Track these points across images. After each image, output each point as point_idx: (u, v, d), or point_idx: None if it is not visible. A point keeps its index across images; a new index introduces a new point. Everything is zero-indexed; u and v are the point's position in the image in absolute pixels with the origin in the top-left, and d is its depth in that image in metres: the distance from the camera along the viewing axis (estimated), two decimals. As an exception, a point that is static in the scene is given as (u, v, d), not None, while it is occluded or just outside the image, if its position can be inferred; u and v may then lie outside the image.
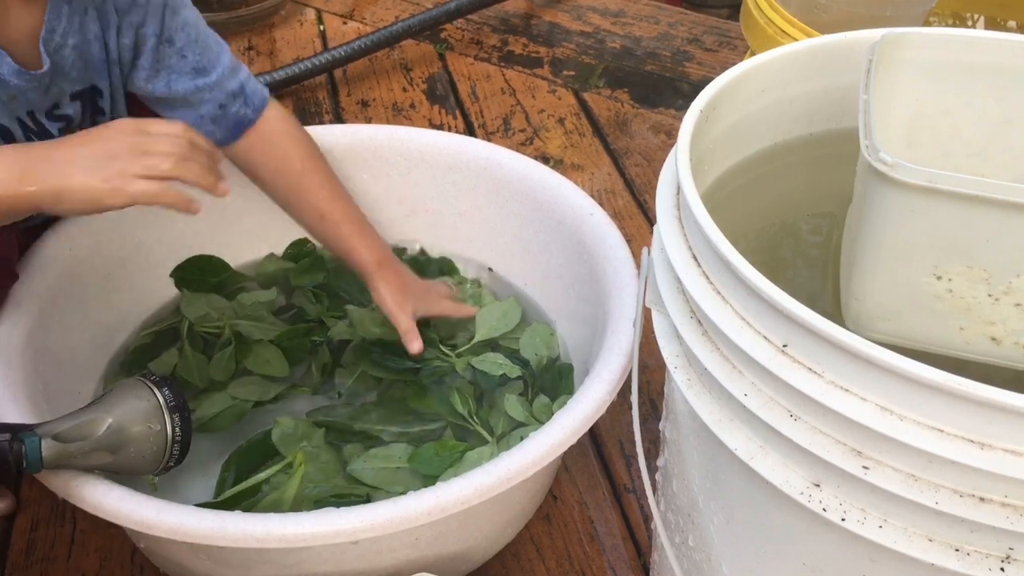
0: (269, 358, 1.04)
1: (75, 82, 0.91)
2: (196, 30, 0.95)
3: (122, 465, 0.78)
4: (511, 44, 1.78)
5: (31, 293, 0.95)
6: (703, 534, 0.68)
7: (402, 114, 1.59)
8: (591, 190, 1.41)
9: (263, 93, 1.01)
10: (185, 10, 0.95)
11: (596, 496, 1.01)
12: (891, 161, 0.56)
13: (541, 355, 1.04)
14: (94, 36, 0.90)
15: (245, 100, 0.99)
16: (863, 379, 0.49)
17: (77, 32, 0.88)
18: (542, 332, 1.07)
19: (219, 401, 0.99)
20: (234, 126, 0.99)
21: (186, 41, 0.95)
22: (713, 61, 1.72)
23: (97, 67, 0.92)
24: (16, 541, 0.97)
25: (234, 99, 0.98)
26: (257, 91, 1.00)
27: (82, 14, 0.88)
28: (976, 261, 0.57)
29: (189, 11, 0.95)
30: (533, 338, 1.06)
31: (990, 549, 0.50)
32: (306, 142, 1.04)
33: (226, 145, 1.00)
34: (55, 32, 0.87)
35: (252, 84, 1.00)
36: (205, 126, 0.98)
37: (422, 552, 0.81)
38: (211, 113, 0.97)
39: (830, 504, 0.53)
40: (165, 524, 0.74)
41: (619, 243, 0.99)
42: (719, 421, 0.58)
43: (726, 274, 0.55)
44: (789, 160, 0.76)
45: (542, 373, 1.02)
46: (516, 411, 0.97)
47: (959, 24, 1.34)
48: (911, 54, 0.69)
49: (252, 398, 1.01)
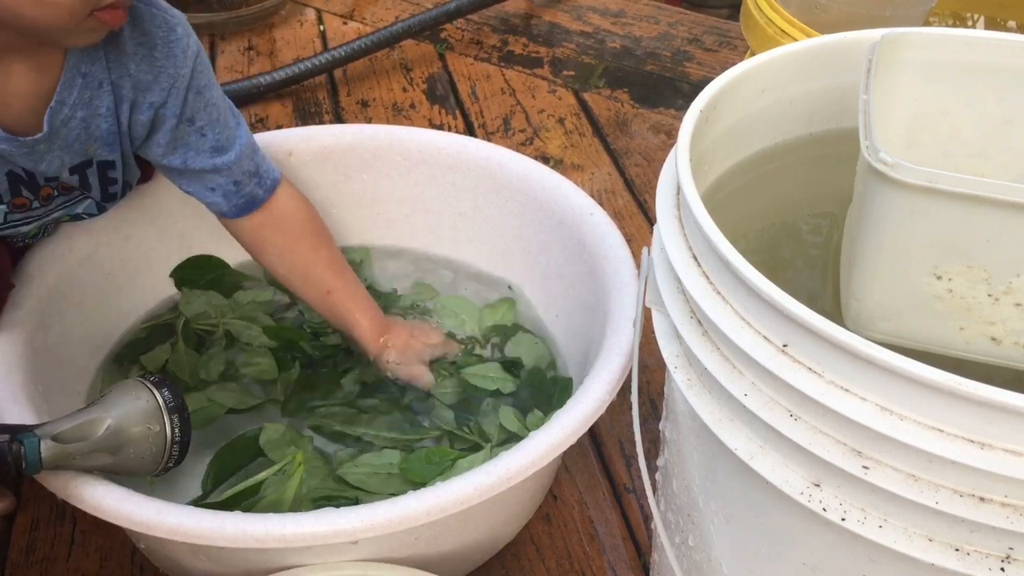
0: (260, 361, 1.04)
1: (76, 155, 0.88)
2: (218, 110, 0.94)
3: (121, 466, 0.78)
4: (511, 44, 1.78)
5: (31, 294, 0.95)
6: (703, 534, 0.68)
7: (402, 114, 1.59)
8: (591, 190, 1.41)
9: (275, 173, 1.01)
10: (209, 91, 0.93)
11: (596, 496, 1.01)
12: (891, 161, 0.56)
13: (529, 365, 1.04)
14: (106, 110, 0.87)
15: (259, 180, 0.99)
16: (863, 379, 0.49)
17: (87, 105, 0.86)
18: (527, 342, 1.06)
19: (195, 400, 0.99)
20: (245, 204, 0.99)
21: (207, 121, 0.93)
22: (713, 61, 1.72)
23: (106, 140, 0.89)
24: (16, 541, 0.97)
25: (249, 178, 0.98)
26: (270, 171, 1.00)
27: (95, 88, 0.86)
28: (976, 261, 0.57)
29: (213, 91, 0.94)
30: (519, 347, 1.06)
31: (990, 549, 0.50)
32: (314, 221, 1.04)
33: (232, 219, 1.00)
34: (65, 104, 0.84)
35: (266, 164, 1.00)
36: (215, 198, 0.97)
37: (422, 552, 0.81)
38: (224, 189, 0.97)
39: (830, 504, 0.53)
40: (165, 524, 0.74)
41: (619, 243, 0.99)
42: (719, 421, 0.58)
43: (726, 274, 0.55)
44: (789, 160, 0.76)
45: (535, 387, 1.02)
46: (510, 423, 0.97)
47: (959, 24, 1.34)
48: (911, 54, 0.69)
49: (228, 404, 1.00)
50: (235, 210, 0.99)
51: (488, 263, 1.17)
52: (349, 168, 1.17)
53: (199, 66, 0.91)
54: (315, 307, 1.05)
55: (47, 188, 0.91)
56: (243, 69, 1.72)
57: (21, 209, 0.91)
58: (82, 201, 0.96)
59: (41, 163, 0.87)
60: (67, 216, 0.98)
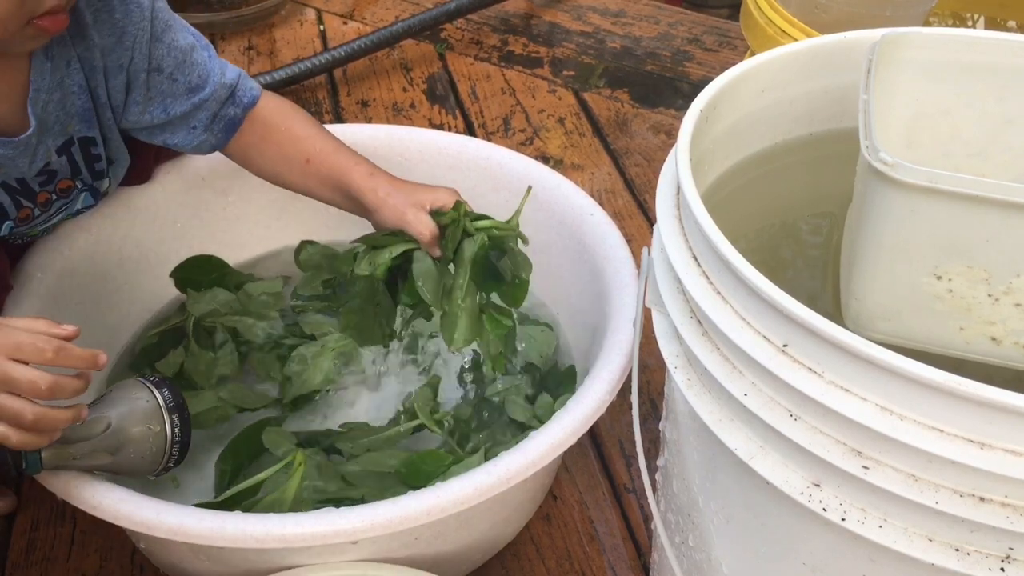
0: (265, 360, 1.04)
1: (58, 136, 0.89)
2: (182, 51, 0.93)
3: (122, 466, 0.78)
4: (511, 44, 1.78)
5: (31, 294, 0.95)
6: (703, 534, 0.68)
7: (402, 114, 1.59)
8: (591, 190, 1.41)
9: (253, 92, 0.99)
10: (169, 33, 0.92)
11: (596, 496, 1.01)
12: (891, 161, 0.56)
13: (546, 356, 1.04)
14: (78, 87, 0.88)
15: (234, 101, 0.98)
16: (863, 379, 0.49)
17: (60, 86, 0.86)
18: (537, 334, 1.06)
19: (206, 400, 0.99)
20: (225, 128, 0.98)
21: (175, 65, 0.93)
22: (713, 61, 1.72)
23: (82, 116, 0.90)
24: (16, 541, 0.97)
25: (224, 104, 0.97)
26: (247, 90, 0.99)
27: (64, 68, 0.86)
28: (976, 261, 0.57)
29: (173, 33, 0.93)
30: (528, 340, 1.05)
31: (990, 549, 0.50)
32: (301, 122, 1.01)
33: (222, 148, 1.00)
34: (40, 91, 0.84)
35: (243, 83, 0.99)
36: (197, 136, 0.97)
37: (422, 552, 0.81)
38: (204, 123, 0.97)
39: (830, 504, 0.53)
40: (165, 524, 0.74)
41: (619, 243, 0.99)
42: (719, 421, 0.58)
43: (726, 274, 0.55)
44: (789, 160, 0.76)
45: (545, 376, 1.02)
46: (518, 413, 0.97)
47: (959, 24, 1.34)
48: (911, 54, 0.69)
49: (237, 403, 1.00)
50: (220, 138, 0.98)
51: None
52: (349, 168, 1.17)
53: (156, 13, 0.91)
54: (316, 192, 1.02)
55: (43, 193, 0.91)
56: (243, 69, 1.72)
57: (25, 222, 0.92)
58: (78, 196, 0.96)
59: (36, 158, 0.87)
60: (68, 216, 0.98)
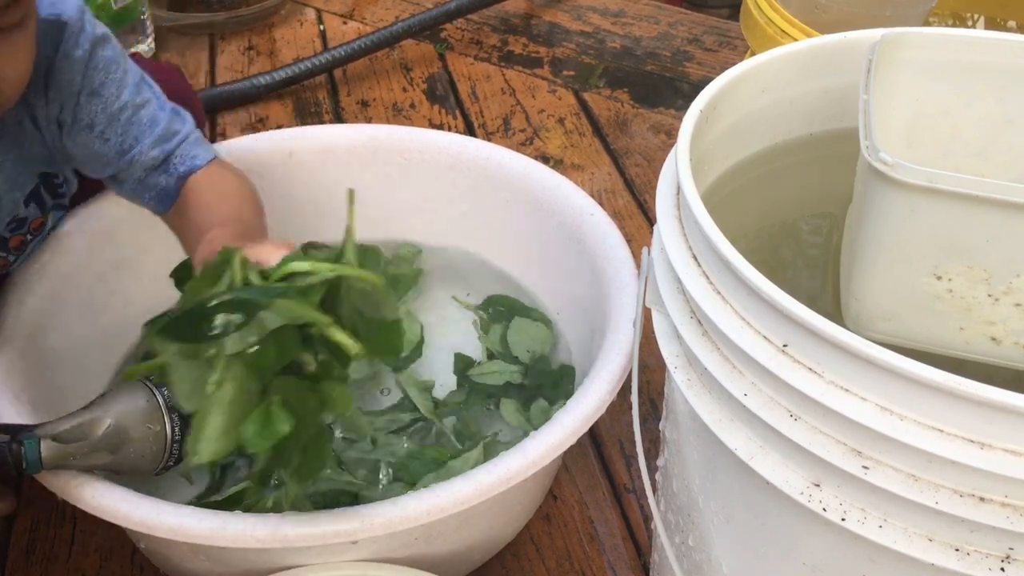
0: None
1: (24, 186, 0.87)
2: (120, 107, 0.87)
3: (122, 465, 0.78)
4: (511, 44, 1.78)
5: (31, 294, 0.95)
6: (703, 534, 0.68)
7: (402, 114, 1.59)
8: (591, 190, 1.41)
9: (193, 162, 0.91)
10: (106, 88, 0.86)
11: (596, 496, 1.01)
12: (891, 161, 0.56)
13: (534, 351, 1.04)
14: (34, 140, 0.86)
15: (167, 169, 0.90)
16: (863, 379, 0.49)
17: (14, 146, 0.84)
18: (528, 327, 1.06)
19: None
20: (158, 198, 0.92)
21: (106, 122, 0.87)
22: (713, 61, 1.72)
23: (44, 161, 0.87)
24: (16, 541, 0.97)
25: (152, 172, 0.91)
26: (186, 158, 0.91)
27: (16, 125, 0.83)
28: (976, 261, 0.57)
29: (110, 87, 0.86)
30: (520, 334, 1.05)
31: (990, 549, 0.50)
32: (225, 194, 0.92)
33: (159, 214, 0.95)
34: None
35: (184, 150, 0.91)
36: (130, 195, 0.93)
37: (422, 552, 0.81)
38: (132, 187, 0.92)
39: (830, 504, 0.53)
40: (165, 524, 0.74)
41: (619, 243, 0.99)
42: (719, 421, 0.58)
43: (726, 274, 0.55)
44: (789, 160, 0.76)
45: (539, 375, 1.02)
46: (512, 417, 0.97)
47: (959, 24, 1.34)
48: (911, 54, 0.69)
49: None
50: (152, 205, 0.93)
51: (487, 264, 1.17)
52: (349, 168, 1.17)
53: (92, 65, 0.85)
54: None
55: (16, 238, 0.90)
56: (243, 69, 1.72)
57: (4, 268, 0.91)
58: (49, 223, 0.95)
59: (2, 214, 0.86)
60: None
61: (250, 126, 1.56)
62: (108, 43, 0.86)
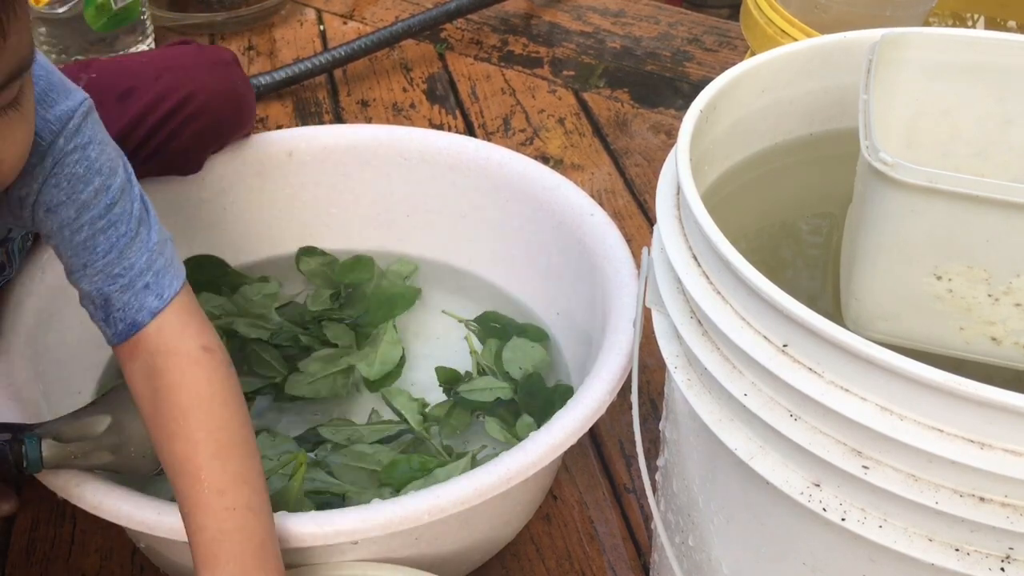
0: (269, 359, 1.04)
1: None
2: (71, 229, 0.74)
3: (122, 465, 0.78)
4: (511, 44, 1.78)
5: (30, 293, 0.95)
6: (703, 534, 0.68)
7: (402, 114, 1.59)
8: (591, 190, 1.41)
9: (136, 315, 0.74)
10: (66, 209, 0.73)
11: (596, 496, 1.01)
12: (891, 161, 0.56)
13: (526, 369, 1.03)
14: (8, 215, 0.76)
15: (106, 316, 0.76)
16: (863, 379, 0.49)
17: None
18: (525, 347, 1.05)
19: None
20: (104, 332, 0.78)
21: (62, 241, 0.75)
22: (713, 61, 1.72)
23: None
24: (16, 541, 0.97)
25: (94, 307, 0.77)
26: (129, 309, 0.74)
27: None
28: (976, 261, 0.57)
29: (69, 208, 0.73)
30: (516, 352, 1.04)
31: (990, 549, 0.50)
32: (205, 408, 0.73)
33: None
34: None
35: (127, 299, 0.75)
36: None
37: (422, 552, 0.81)
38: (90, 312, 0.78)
39: (830, 504, 0.53)
40: (166, 524, 0.74)
41: (619, 243, 0.99)
42: (719, 421, 0.58)
43: (726, 274, 0.55)
44: (789, 160, 0.76)
45: (530, 392, 1.01)
46: (498, 433, 0.97)
47: (959, 24, 1.34)
48: (911, 54, 0.69)
49: None
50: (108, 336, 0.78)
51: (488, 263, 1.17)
52: (349, 168, 1.17)
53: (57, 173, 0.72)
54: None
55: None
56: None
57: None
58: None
59: None
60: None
61: (250, 126, 1.55)
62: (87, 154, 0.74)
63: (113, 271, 0.75)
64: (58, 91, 0.73)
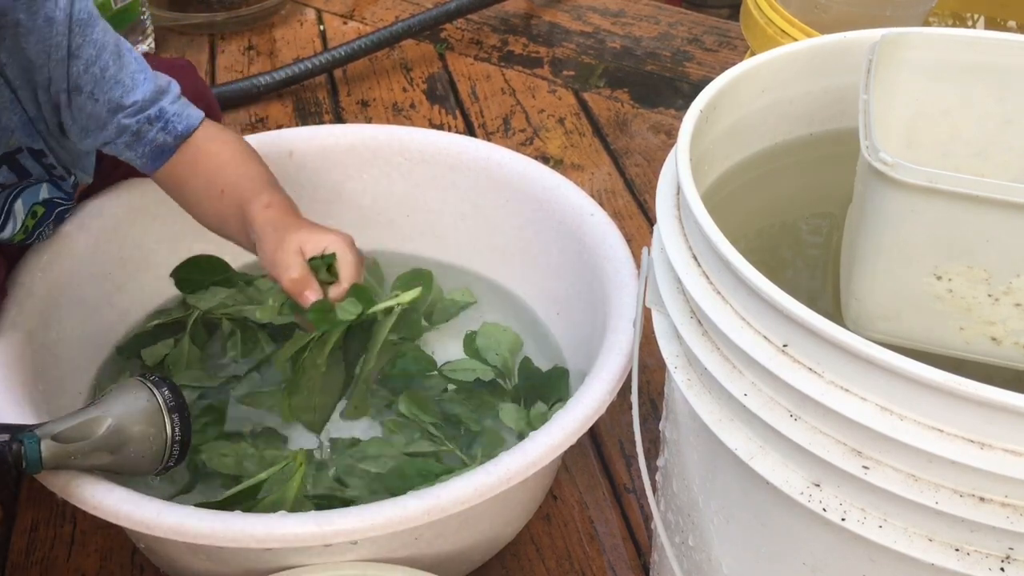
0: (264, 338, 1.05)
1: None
2: (102, 66, 0.88)
3: (122, 465, 0.78)
4: (511, 44, 1.78)
5: (31, 293, 0.95)
6: (703, 534, 0.68)
7: (402, 114, 1.59)
8: (591, 190, 1.41)
9: (188, 121, 0.94)
10: (86, 49, 0.87)
11: (596, 496, 1.01)
12: (891, 161, 0.56)
13: (503, 355, 1.04)
14: (10, 102, 0.85)
15: (165, 126, 0.92)
16: (863, 379, 0.49)
17: None
18: (495, 332, 1.06)
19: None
20: (152, 154, 0.93)
21: (94, 83, 0.88)
22: (713, 61, 1.72)
23: (24, 129, 0.87)
24: (16, 541, 0.97)
25: (151, 125, 0.92)
26: (182, 116, 0.93)
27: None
28: (976, 261, 0.57)
29: (91, 47, 0.87)
30: (488, 339, 1.05)
31: (990, 549, 0.50)
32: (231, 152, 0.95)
33: (149, 172, 0.96)
34: None
35: (177, 108, 0.93)
36: (123, 153, 0.94)
37: (422, 552, 0.81)
38: (127, 140, 0.92)
39: (830, 504, 0.53)
40: (165, 524, 0.74)
41: (619, 243, 0.99)
42: (719, 421, 0.58)
43: (726, 274, 0.55)
44: (789, 160, 0.76)
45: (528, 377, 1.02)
46: (512, 420, 0.97)
47: (959, 24, 1.34)
48: (911, 54, 0.69)
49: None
50: (144, 162, 0.94)
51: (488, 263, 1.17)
52: (349, 168, 1.17)
53: (74, 27, 0.85)
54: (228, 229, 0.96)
55: None
56: (243, 69, 1.72)
57: None
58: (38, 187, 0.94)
59: None
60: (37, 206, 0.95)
61: (250, 126, 1.56)
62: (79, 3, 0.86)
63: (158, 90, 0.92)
64: None
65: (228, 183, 0.93)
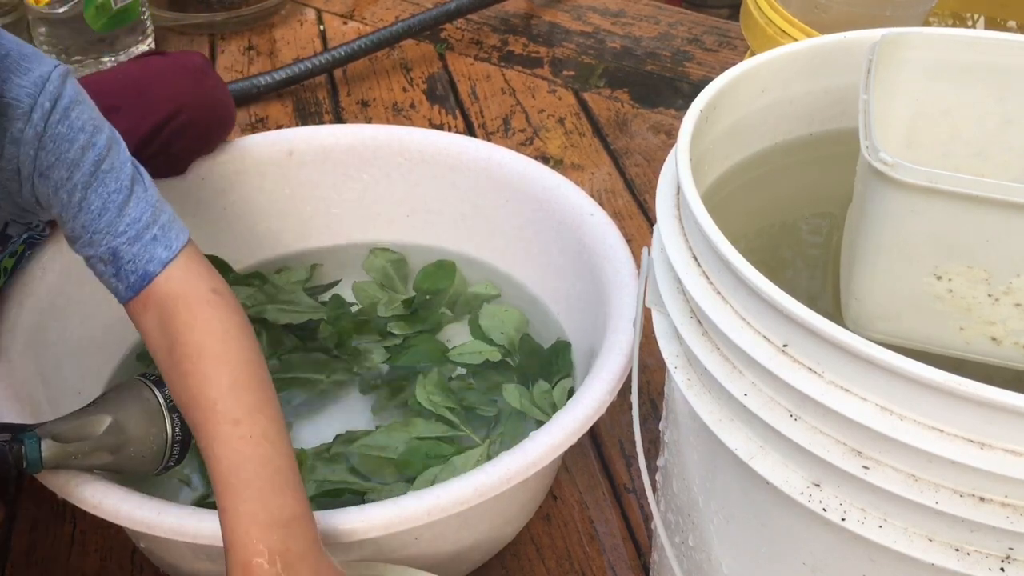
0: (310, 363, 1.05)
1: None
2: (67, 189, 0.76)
3: (122, 465, 0.78)
4: (511, 44, 1.78)
5: (31, 293, 0.95)
6: (703, 534, 0.68)
7: (402, 114, 1.59)
8: (591, 190, 1.41)
9: (146, 267, 0.76)
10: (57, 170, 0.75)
11: (596, 496, 1.01)
12: (891, 161, 0.56)
13: (509, 333, 1.05)
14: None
15: (116, 272, 0.77)
16: (863, 379, 0.49)
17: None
18: (498, 312, 1.08)
19: None
20: (111, 289, 0.80)
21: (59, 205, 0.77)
22: (713, 61, 1.72)
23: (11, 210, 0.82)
24: (16, 542, 0.97)
25: (101, 263, 0.78)
26: (139, 261, 0.76)
27: None
28: (976, 261, 0.57)
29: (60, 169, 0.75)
30: (492, 320, 1.07)
31: (990, 549, 0.50)
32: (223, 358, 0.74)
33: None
34: None
35: (136, 251, 0.76)
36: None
37: (422, 552, 0.81)
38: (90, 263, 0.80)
39: (830, 504, 0.53)
40: (165, 524, 0.74)
41: (619, 243, 0.99)
42: (719, 421, 0.58)
43: (726, 274, 0.55)
44: (789, 160, 0.76)
45: (529, 355, 1.03)
46: (515, 400, 0.97)
47: (959, 24, 1.34)
48: (911, 54, 0.69)
49: None
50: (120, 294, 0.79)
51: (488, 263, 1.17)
52: (349, 168, 1.17)
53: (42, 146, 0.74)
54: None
55: None
56: (243, 69, 1.72)
57: None
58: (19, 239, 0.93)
59: None
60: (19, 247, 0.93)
61: (250, 126, 1.55)
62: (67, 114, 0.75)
63: (117, 228, 0.77)
64: (31, 59, 0.75)
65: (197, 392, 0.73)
